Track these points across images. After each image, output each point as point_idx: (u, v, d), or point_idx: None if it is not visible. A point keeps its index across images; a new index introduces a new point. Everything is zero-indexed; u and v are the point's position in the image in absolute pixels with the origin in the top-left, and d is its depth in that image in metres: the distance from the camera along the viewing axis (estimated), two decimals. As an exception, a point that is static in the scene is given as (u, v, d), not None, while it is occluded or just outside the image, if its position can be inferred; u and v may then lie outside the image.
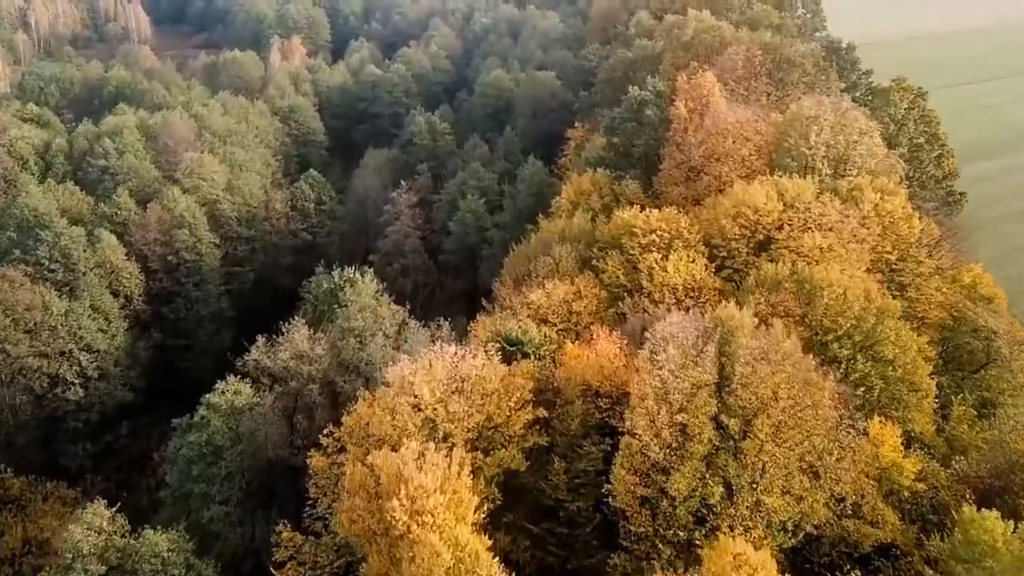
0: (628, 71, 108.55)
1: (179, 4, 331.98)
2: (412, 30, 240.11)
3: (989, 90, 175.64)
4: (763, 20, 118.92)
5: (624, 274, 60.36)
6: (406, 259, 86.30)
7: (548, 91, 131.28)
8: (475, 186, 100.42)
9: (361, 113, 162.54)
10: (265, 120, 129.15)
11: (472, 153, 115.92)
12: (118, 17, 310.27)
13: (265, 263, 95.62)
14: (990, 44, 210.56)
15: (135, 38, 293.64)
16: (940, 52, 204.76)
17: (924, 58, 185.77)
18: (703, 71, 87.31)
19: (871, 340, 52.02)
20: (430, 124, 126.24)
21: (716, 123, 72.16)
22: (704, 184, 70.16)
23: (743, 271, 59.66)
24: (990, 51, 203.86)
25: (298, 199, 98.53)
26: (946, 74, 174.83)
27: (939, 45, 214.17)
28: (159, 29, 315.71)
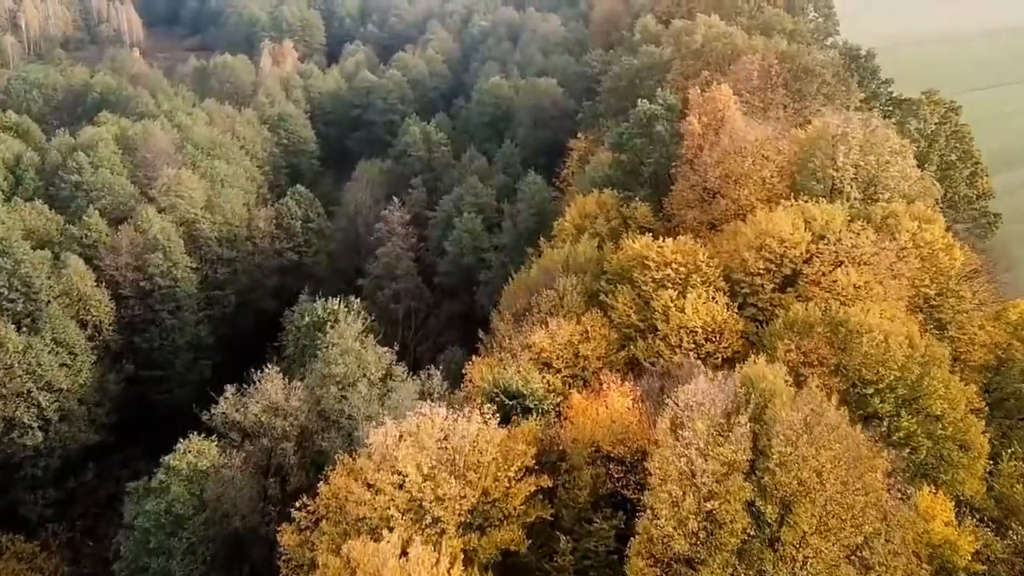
0: (634, 79, 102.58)
1: (173, 5, 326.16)
2: (409, 32, 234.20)
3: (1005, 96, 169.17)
4: (775, 25, 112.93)
5: (636, 312, 54.42)
6: (398, 283, 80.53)
7: (549, 99, 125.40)
8: (472, 202, 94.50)
9: (355, 120, 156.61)
10: (253, 129, 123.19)
11: (469, 166, 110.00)
12: (110, 19, 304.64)
13: (248, 285, 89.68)
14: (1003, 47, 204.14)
15: (127, 40, 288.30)
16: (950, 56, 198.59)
17: (933, 62, 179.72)
18: (717, 83, 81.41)
19: (916, 394, 46.13)
20: (425, 134, 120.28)
21: (733, 141, 66.18)
22: (721, 208, 64.22)
23: (768, 310, 53.75)
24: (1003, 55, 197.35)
25: (283, 217, 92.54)
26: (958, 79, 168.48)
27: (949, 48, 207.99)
28: (152, 31, 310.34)
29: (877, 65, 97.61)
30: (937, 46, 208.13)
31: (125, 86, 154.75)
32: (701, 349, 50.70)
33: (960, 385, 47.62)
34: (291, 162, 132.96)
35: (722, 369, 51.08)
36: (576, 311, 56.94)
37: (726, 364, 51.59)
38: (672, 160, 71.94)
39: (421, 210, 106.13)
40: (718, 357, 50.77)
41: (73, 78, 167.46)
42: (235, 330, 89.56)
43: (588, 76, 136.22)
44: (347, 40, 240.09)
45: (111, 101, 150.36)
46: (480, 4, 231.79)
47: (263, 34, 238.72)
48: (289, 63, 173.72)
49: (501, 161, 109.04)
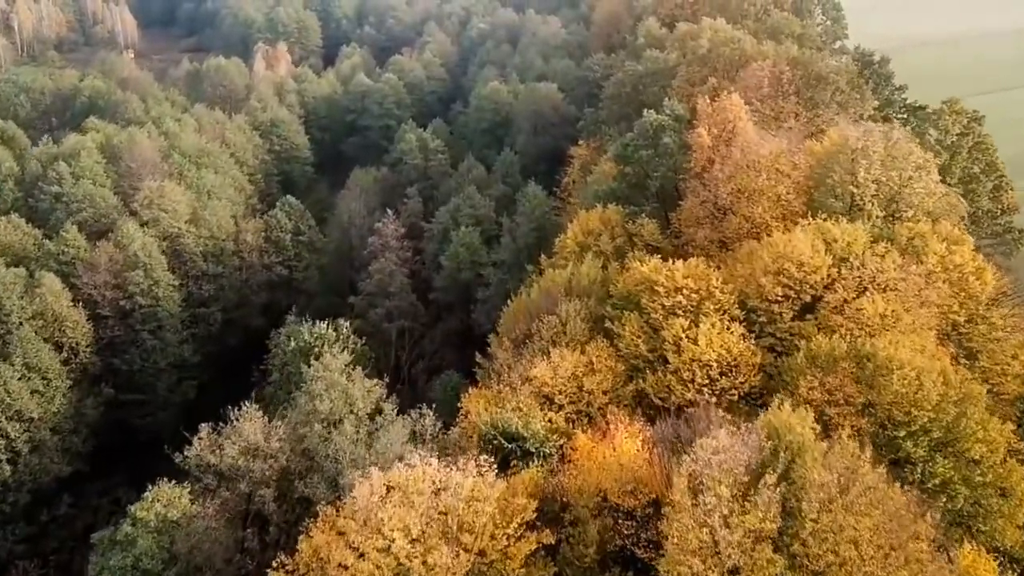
0: (637, 85, 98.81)
1: (169, 6, 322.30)
2: (407, 34, 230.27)
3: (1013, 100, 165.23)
4: (783, 29, 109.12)
5: (644, 341, 50.55)
6: (391, 301, 76.67)
7: (549, 104, 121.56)
8: (470, 214, 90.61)
9: (350, 125, 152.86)
10: (243, 136, 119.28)
11: (467, 175, 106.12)
12: (104, 20, 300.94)
13: (235, 302, 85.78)
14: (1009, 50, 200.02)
15: (121, 42, 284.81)
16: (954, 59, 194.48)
17: (937, 65, 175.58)
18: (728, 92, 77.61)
19: (953, 436, 42.29)
20: (421, 141, 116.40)
21: (745, 154, 62.39)
22: (733, 226, 60.39)
23: (787, 340, 49.90)
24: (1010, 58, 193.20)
25: (273, 229, 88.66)
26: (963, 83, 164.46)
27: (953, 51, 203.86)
28: (148, 32, 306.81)
29: (891, 71, 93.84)
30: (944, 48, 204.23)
31: (114, 90, 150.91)
32: (716, 384, 46.87)
33: (999, 425, 43.78)
34: (283, 169, 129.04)
35: (739, 405, 47.57)
36: (580, 339, 53.12)
37: (743, 400, 47.92)
38: (680, 174, 68.18)
39: (417, 221, 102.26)
40: (734, 393, 46.95)
41: (62, 82, 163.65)
42: (222, 348, 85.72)
43: (589, 81, 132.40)
44: (344, 42, 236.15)
45: (100, 106, 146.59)
46: (479, 6, 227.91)
47: (258, 36, 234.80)
48: (283, 66, 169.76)
49: (500, 170, 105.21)
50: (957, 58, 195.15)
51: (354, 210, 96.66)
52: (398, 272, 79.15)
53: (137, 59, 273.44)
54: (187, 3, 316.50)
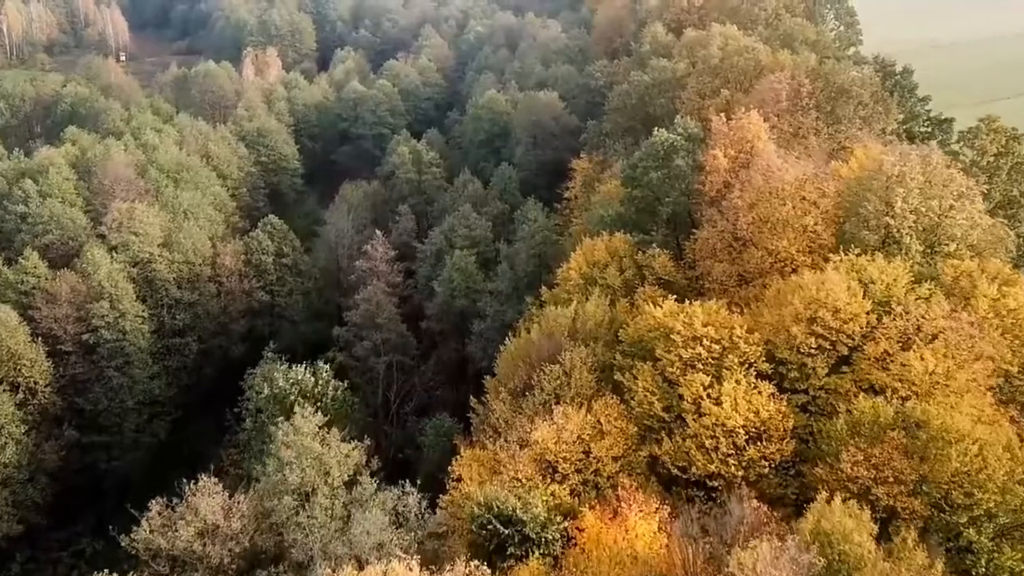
0: (644, 96, 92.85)
1: (163, 8, 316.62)
2: (403, 37, 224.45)
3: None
4: (797, 35, 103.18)
5: (660, 398, 44.61)
6: (380, 333, 70.71)
7: (549, 114, 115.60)
8: (465, 235, 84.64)
9: (343, 134, 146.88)
10: (227, 148, 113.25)
11: (463, 191, 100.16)
12: (95, 23, 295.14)
13: (212, 331, 79.75)
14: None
15: (112, 44, 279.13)
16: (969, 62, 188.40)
17: (951, 69, 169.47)
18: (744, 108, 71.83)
19: (1022, 521, 36.39)
20: (415, 154, 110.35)
21: (768, 180, 56.43)
22: (756, 260, 54.40)
23: (822, 398, 43.98)
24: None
25: (253, 252, 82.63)
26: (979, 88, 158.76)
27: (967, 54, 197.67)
28: (141, 34, 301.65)
29: (915, 82, 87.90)
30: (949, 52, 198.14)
31: (97, 97, 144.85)
32: (743, 454, 40.92)
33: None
34: (271, 181, 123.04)
35: (770, 477, 41.71)
36: (586, 392, 47.21)
37: (775, 471, 41.98)
38: (694, 198, 62.20)
39: (409, 240, 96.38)
40: (765, 465, 41.00)
41: (43, 88, 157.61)
42: (198, 379, 79.83)
43: (592, 89, 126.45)
44: (339, 45, 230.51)
45: (81, 114, 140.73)
46: (476, 8, 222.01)
47: (251, 39, 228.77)
48: (273, 72, 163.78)
49: (498, 185, 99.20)
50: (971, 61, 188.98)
51: (342, 229, 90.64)
52: (387, 302, 73.13)
53: (128, 62, 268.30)
54: (180, 5, 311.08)
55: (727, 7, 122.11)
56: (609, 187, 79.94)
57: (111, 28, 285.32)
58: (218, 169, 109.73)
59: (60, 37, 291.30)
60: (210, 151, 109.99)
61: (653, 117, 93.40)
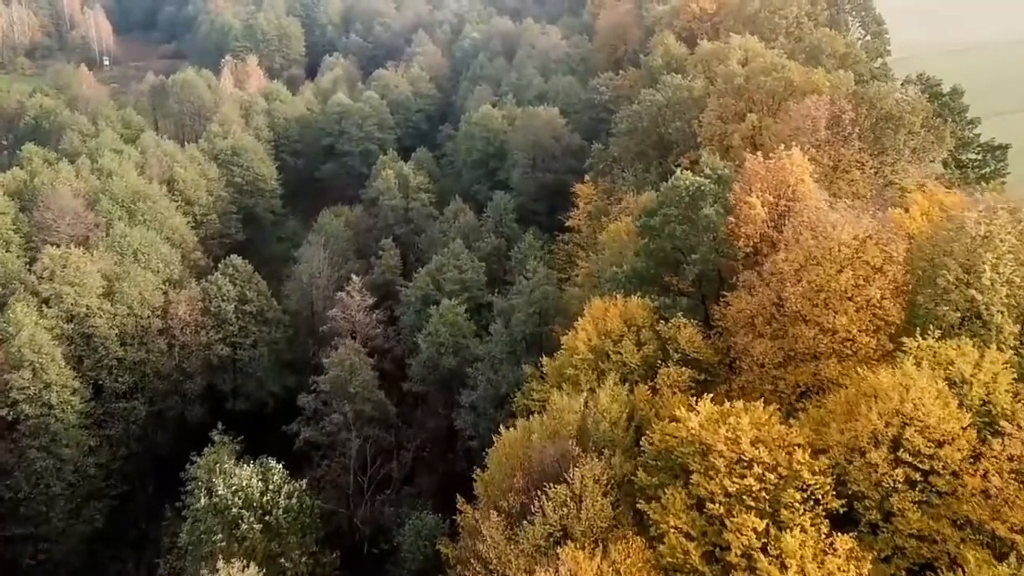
0: (657, 118, 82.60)
1: (151, 9, 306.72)
2: (396, 42, 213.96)
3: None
4: (825, 48, 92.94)
5: (697, 542, 34.29)
6: (353, 403, 60.31)
7: (550, 132, 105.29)
8: (455, 279, 74.16)
9: (327, 150, 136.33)
10: (196, 170, 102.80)
11: (453, 222, 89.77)
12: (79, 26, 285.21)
13: (163, 391, 69.27)
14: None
15: (96, 48, 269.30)
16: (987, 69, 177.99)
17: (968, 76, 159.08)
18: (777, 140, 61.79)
19: None
20: (401, 178, 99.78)
21: (818, 236, 46.13)
22: (807, 339, 44.11)
23: (911, 548, 33.63)
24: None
25: (213, 298, 72.24)
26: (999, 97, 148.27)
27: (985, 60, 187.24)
28: (128, 37, 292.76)
29: (965, 104, 77.66)
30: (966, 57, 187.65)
31: (62, 110, 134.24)
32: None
33: None
34: (246, 204, 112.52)
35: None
36: (600, 525, 36.93)
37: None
38: (725, 253, 51.87)
39: (393, 278, 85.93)
40: (845, 654, 30.73)
41: (6, 99, 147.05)
42: (148, 447, 69.49)
43: (596, 104, 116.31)
44: (329, 50, 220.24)
45: (44, 129, 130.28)
46: (472, 13, 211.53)
47: (236, 44, 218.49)
48: (254, 82, 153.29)
49: (493, 216, 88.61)
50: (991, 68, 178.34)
51: (316, 268, 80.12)
52: (363, 365, 62.53)
53: (112, 66, 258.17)
54: (168, 6, 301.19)
55: (744, 15, 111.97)
56: (620, 226, 69.63)
57: (94, 31, 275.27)
58: (184, 194, 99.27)
59: (43, 40, 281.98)
60: (175, 175, 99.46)
61: (668, 142, 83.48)
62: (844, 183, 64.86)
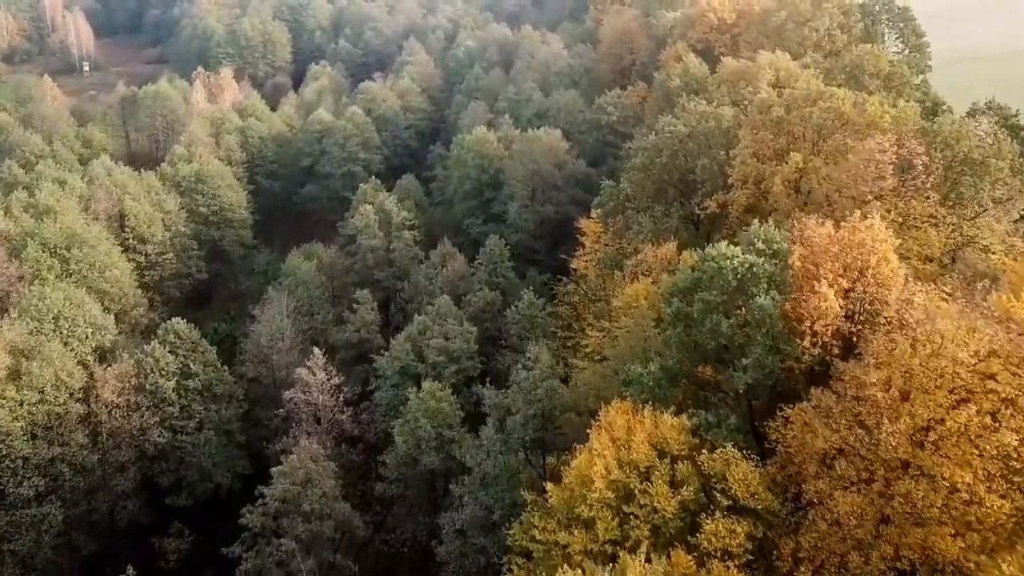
0: (679, 152, 70.28)
1: (136, 11, 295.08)
2: (388, 49, 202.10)
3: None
4: (866, 66, 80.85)
5: None
6: (309, 523, 47.90)
7: (551, 159, 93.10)
8: (440, 346, 61.92)
9: (307, 171, 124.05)
10: (149, 202, 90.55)
11: (440, 267, 77.55)
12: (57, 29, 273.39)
13: (86, 490, 57.02)
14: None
15: (76, 52, 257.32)
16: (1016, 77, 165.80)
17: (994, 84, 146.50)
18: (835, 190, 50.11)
19: None
20: (383, 214, 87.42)
21: (921, 352, 33.89)
22: (915, 496, 31.94)
23: None
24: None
25: (148, 374, 60.03)
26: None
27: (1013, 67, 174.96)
28: (112, 40, 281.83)
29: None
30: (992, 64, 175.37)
31: (14, 128, 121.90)
32: None
33: None
34: (211, 237, 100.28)
35: None
36: None
37: None
38: (786, 353, 39.60)
39: (370, 336, 73.72)
40: None
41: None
42: (67, 553, 57.16)
43: (602, 125, 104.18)
44: (317, 57, 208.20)
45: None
46: (468, 18, 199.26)
47: (218, 51, 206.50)
48: (229, 95, 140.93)
49: (486, 264, 76.15)
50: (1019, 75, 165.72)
51: (277, 329, 67.87)
52: (322, 474, 50.13)
53: (92, 72, 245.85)
54: (153, 9, 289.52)
55: (769, 27, 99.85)
56: (639, 289, 57.48)
57: (74, 35, 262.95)
58: (136, 231, 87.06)
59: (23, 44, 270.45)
60: (127, 208, 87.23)
61: (692, 181, 71.41)
62: (914, 242, 52.94)
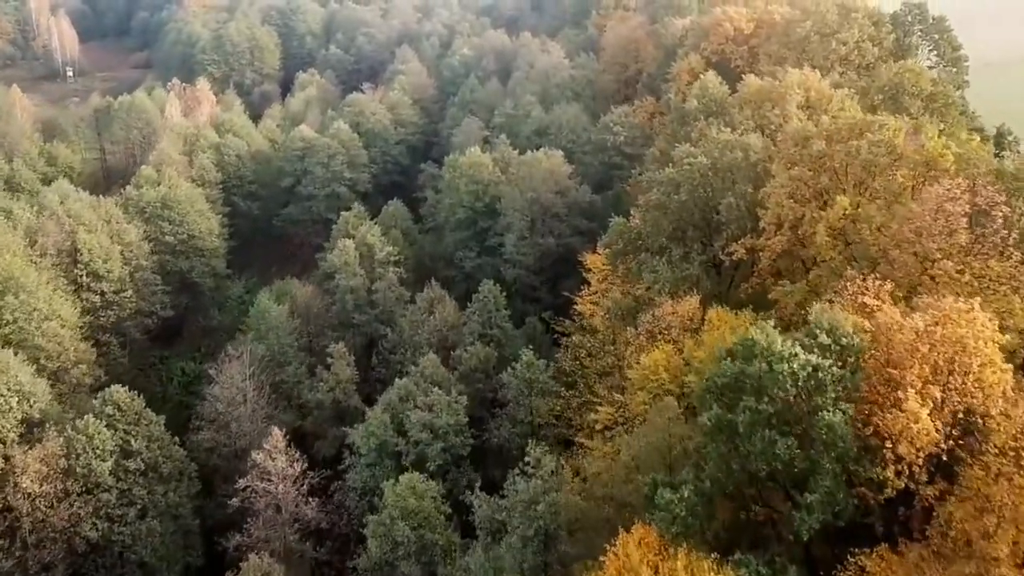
0: (700, 189, 61.12)
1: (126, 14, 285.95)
2: (381, 55, 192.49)
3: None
4: (907, 86, 71.80)
5: None
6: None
7: (552, 185, 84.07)
8: (424, 421, 52.77)
9: (288, 192, 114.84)
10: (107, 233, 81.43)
11: (427, 314, 68.34)
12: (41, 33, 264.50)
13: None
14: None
15: (59, 57, 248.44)
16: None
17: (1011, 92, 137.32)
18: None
19: None
20: (366, 248, 78.15)
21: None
22: None
23: None
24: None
25: (80, 455, 50.66)
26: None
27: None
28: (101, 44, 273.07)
29: None
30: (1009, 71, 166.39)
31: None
32: None
33: None
34: (179, 269, 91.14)
35: None
36: None
37: None
38: (862, 481, 30.47)
39: (348, 397, 64.50)
40: None
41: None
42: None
43: (609, 147, 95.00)
44: (308, 63, 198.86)
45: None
46: (464, 24, 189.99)
47: (203, 57, 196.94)
48: (205, 109, 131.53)
49: (480, 313, 66.63)
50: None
51: (239, 391, 58.66)
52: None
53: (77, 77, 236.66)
54: (142, 12, 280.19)
55: (791, 39, 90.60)
56: (658, 358, 48.53)
57: (57, 40, 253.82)
58: (90, 267, 77.93)
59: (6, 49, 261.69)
60: (79, 242, 78.06)
61: (716, 222, 62.28)
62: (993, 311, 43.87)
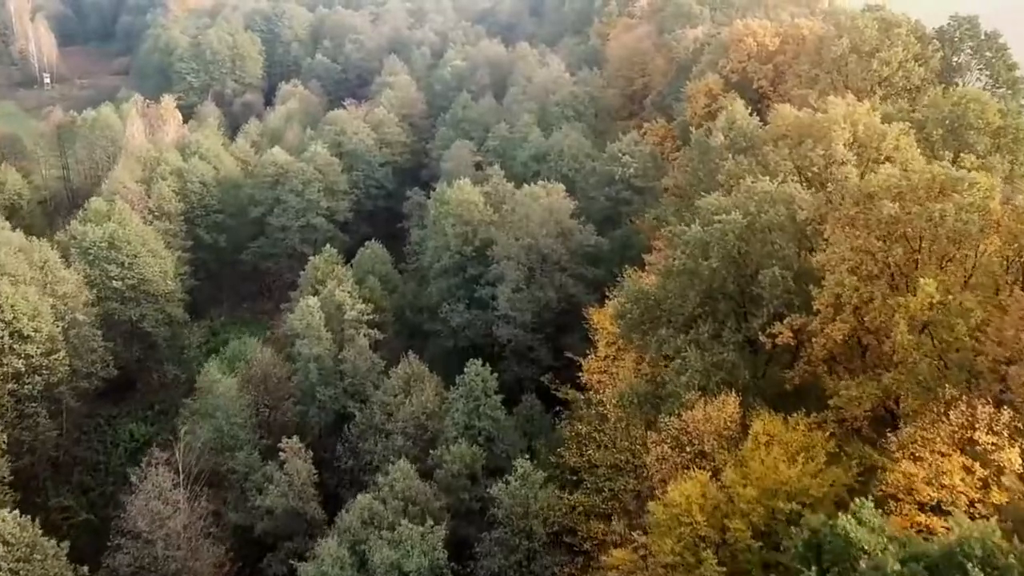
0: (734, 252, 49.64)
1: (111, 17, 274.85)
2: (370, 64, 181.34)
3: None
4: (972, 119, 60.58)
5: None
6: None
7: (552, 227, 72.49)
8: (389, 562, 41.46)
9: (258, 223, 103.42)
10: (37, 286, 70.04)
11: (405, 400, 56.75)
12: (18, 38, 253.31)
13: None
14: None
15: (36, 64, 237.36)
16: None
17: None
18: None
19: None
20: (333, 304, 66.65)
21: None
22: None
23: None
24: None
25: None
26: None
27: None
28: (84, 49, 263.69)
29: None
30: None
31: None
32: None
33: None
34: (127, 318, 79.85)
35: None
36: None
37: None
38: None
39: (304, 504, 52.93)
40: None
41: None
42: None
43: (616, 180, 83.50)
44: (294, 72, 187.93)
45: None
46: (458, 32, 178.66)
47: (182, 65, 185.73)
48: (172, 128, 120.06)
49: (466, 400, 54.94)
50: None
51: (167, 505, 47.29)
52: None
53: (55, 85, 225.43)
54: (126, 15, 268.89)
55: (825, 59, 79.14)
56: (690, 491, 37.24)
57: (34, 45, 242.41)
58: (12, 327, 66.51)
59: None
60: (3, 296, 66.63)
61: (755, 296, 50.70)
62: None
